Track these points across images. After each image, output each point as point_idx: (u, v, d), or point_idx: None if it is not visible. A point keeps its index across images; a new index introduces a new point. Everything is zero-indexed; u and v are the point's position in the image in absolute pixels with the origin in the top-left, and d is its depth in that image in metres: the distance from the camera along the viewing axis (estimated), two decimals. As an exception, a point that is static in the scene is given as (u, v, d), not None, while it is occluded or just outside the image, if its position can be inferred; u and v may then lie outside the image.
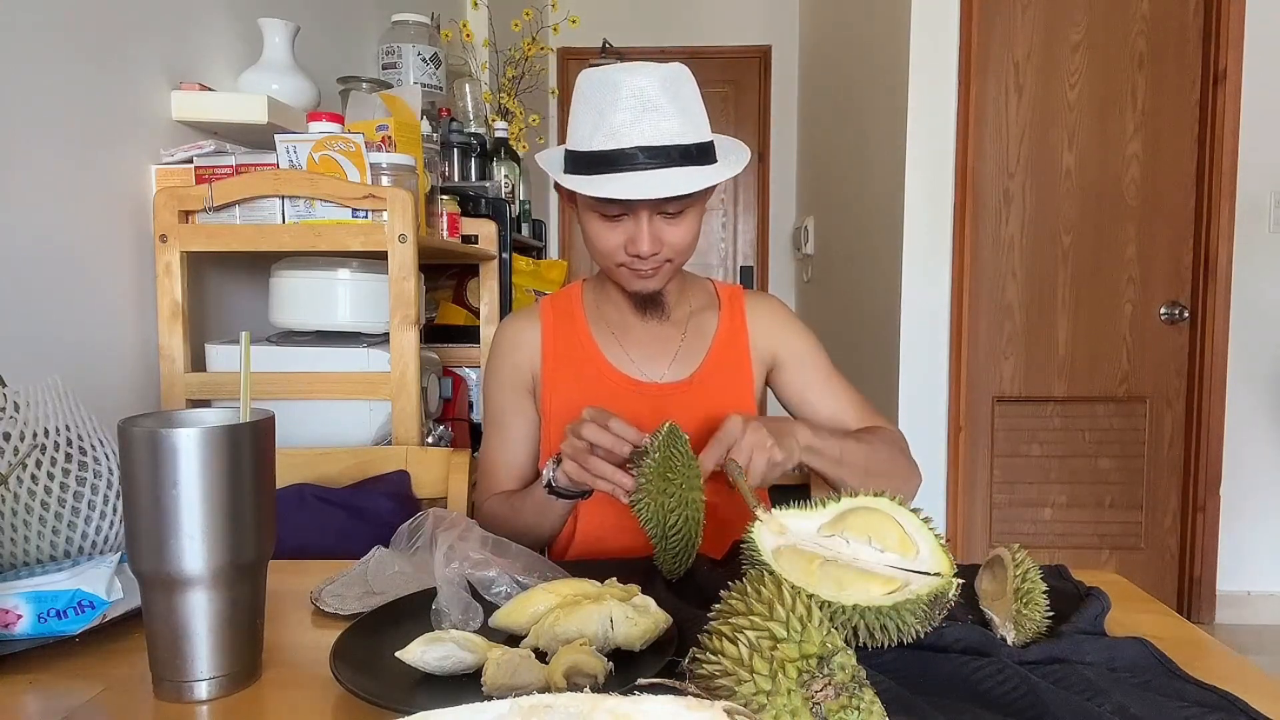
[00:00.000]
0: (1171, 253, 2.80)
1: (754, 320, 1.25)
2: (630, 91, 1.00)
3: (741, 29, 4.72)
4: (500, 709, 0.47)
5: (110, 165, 1.43)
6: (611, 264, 1.12)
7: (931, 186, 2.79)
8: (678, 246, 1.09)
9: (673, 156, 1.01)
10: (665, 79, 1.01)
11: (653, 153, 1.00)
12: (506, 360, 1.23)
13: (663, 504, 0.90)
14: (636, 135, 1.00)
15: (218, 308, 1.72)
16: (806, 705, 0.52)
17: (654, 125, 1.00)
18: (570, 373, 1.20)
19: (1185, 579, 2.87)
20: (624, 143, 1.00)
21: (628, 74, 1.01)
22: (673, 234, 1.08)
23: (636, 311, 1.19)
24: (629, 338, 1.22)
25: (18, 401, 0.88)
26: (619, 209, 1.05)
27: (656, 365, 1.22)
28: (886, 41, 3.01)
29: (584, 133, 1.03)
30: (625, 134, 1.00)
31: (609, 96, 1.01)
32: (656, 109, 1.00)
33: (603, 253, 1.11)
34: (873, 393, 3.14)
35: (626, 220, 1.06)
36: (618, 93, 1.00)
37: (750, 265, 4.93)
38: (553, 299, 1.27)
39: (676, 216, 1.07)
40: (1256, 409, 2.81)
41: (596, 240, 1.10)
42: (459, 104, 2.71)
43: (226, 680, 0.68)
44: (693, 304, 1.26)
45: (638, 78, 1.00)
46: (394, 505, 1.30)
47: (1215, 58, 2.69)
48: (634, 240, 1.06)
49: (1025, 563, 0.78)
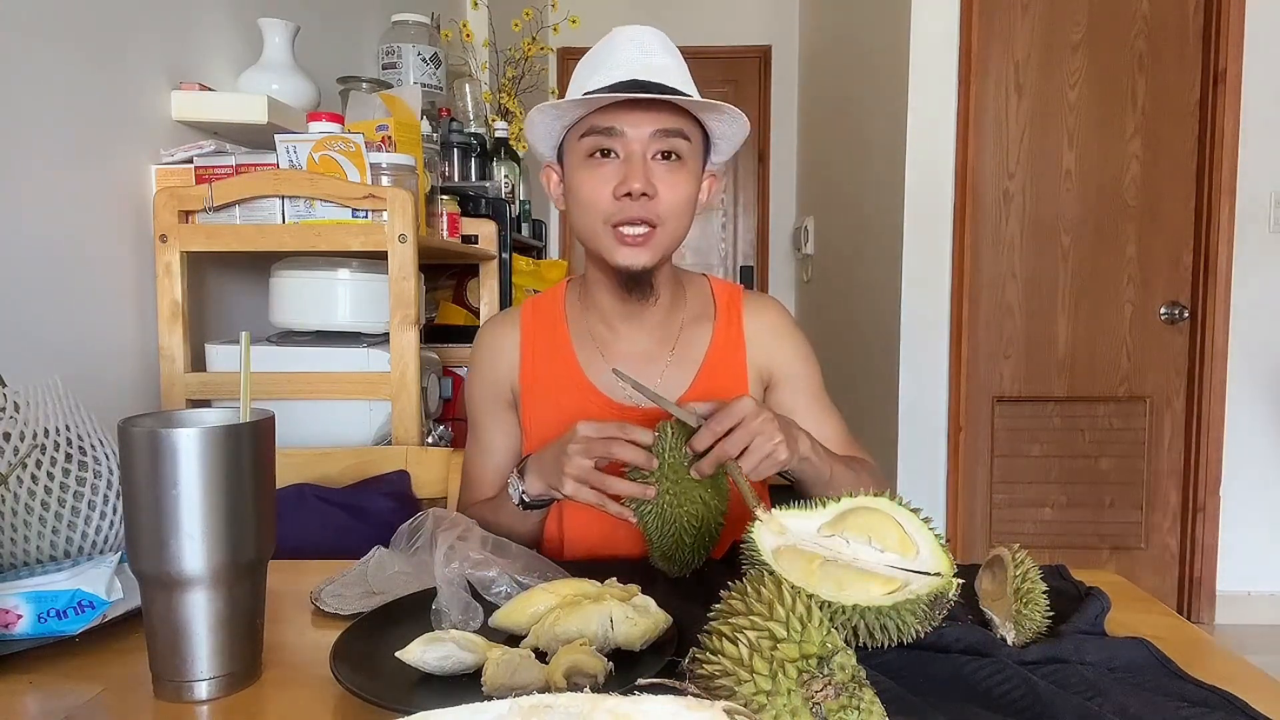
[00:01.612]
0: (1171, 253, 2.80)
1: (753, 330, 1.17)
2: (628, 37, 1.04)
3: (741, 29, 4.72)
4: (500, 709, 0.47)
5: (110, 165, 1.43)
6: (600, 221, 1.03)
7: (931, 186, 2.79)
8: (670, 202, 1.02)
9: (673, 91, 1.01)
10: (659, 34, 1.06)
11: (651, 87, 1.00)
12: (485, 372, 1.18)
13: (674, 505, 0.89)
14: (638, 69, 1.01)
15: (218, 308, 1.72)
16: (806, 705, 0.52)
17: (653, 66, 1.02)
18: (549, 394, 1.14)
19: (1185, 579, 2.87)
20: (623, 76, 1.00)
21: (624, 30, 1.05)
22: (666, 182, 1.02)
23: (622, 293, 1.09)
24: (614, 353, 1.14)
25: (18, 401, 0.88)
26: (611, 143, 1.01)
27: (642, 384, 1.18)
28: (887, 41, 3.01)
29: (580, 82, 1.04)
30: (625, 69, 1.01)
31: (606, 45, 1.04)
32: (654, 53, 1.03)
33: (591, 203, 1.03)
34: (873, 393, 3.14)
35: (618, 163, 1.02)
36: (614, 40, 1.04)
37: (750, 265, 4.93)
38: (534, 303, 1.20)
39: (672, 165, 1.03)
40: (1256, 409, 2.81)
41: (585, 189, 1.03)
42: (459, 104, 2.71)
43: (226, 680, 0.68)
44: (685, 314, 1.17)
45: (634, 31, 1.05)
46: (394, 505, 1.30)
47: (1215, 58, 2.69)
48: (625, 179, 1.00)
49: (1025, 563, 0.78)
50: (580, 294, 1.18)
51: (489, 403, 1.18)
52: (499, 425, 1.18)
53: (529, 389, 1.15)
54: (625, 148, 1.01)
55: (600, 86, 1.00)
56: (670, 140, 1.02)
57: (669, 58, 1.04)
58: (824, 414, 1.17)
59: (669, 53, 1.05)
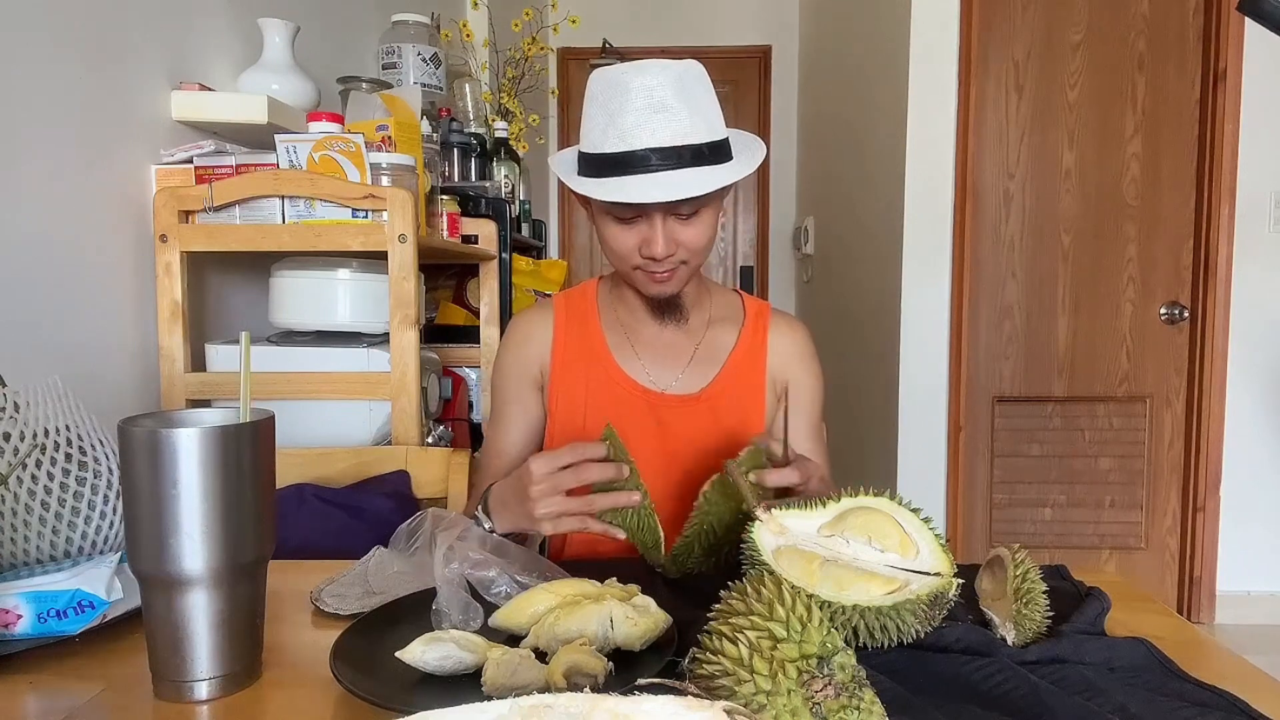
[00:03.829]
0: (1171, 253, 2.80)
1: (777, 343, 1.22)
2: (640, 92, 0.99)
3: (741, 29, 4.72)
4: (500, 709, 0.47)
5: (110, 165, 1.43)
6: (627, 267, 1.11)
7: (931, 186, 2.79)
8: (692, 247, 1.08)
9: (684, 157, 1.00)
10: (676, 77, 1.00)
11: (664, 154, 0.99)
12: (516, 353, 1.23)
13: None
14: (647, 136, 0.99)
15: (218, 308, 1.72)
16: (806, 705, 0.52)
17: (664, 125, 0.99)
18: (579, 373, 1.19)
19: (1185, 579, 2.87)
20: (634, 144, 0.99)
21: (637, 74, 1.00)
22: (687, 234, 1.07)
23: (654, 315, 1.18)
24: (642, 341, 1.21)
25: (18, 401, 0.88)
26: (632, 211, 1.04)
27: (667, 373, 1.20)
28: (887, 42, 3.01)
29: (595, 135, 1.03)
30: (635, 135, 0.99)
31: (619, 97, 1.00)
32: (666, 109, 0.99)
33: (618, 255, 1.10)
34: (873, 393, 3.14)
35: (640, 223, 1.05)
36: (627, 93, 0.99)
37: (750, 265, 4.92)
38: (567, 295, 1.26)
39: (691, 217, 1.06)
40: (1256, 409, 2.81)
41: (611, 243, 1.09)
42: (459, 104, 2.71)
43: (226, 680, 0.68)
44: (712, 313, 1.23)
45: (647, 77, 0.99)
46: (394, 505, 1.30)
47: (1215, 58, 2.69)
48: (648, 242, 1.05)
49: (1025, 563, 0.78)
50: (612, 288, 1.25)
51: (514, 381, 1.23)
52: (521, 404, 1.23)
53: (559, 368, 1.20)
54: (646, 214, 1.05)
55: (616, 150, 1.00)
56: (690, 203, 1.04)
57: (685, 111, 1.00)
58: (816, 444, 1.23)
59: (686, 103, 1.00)
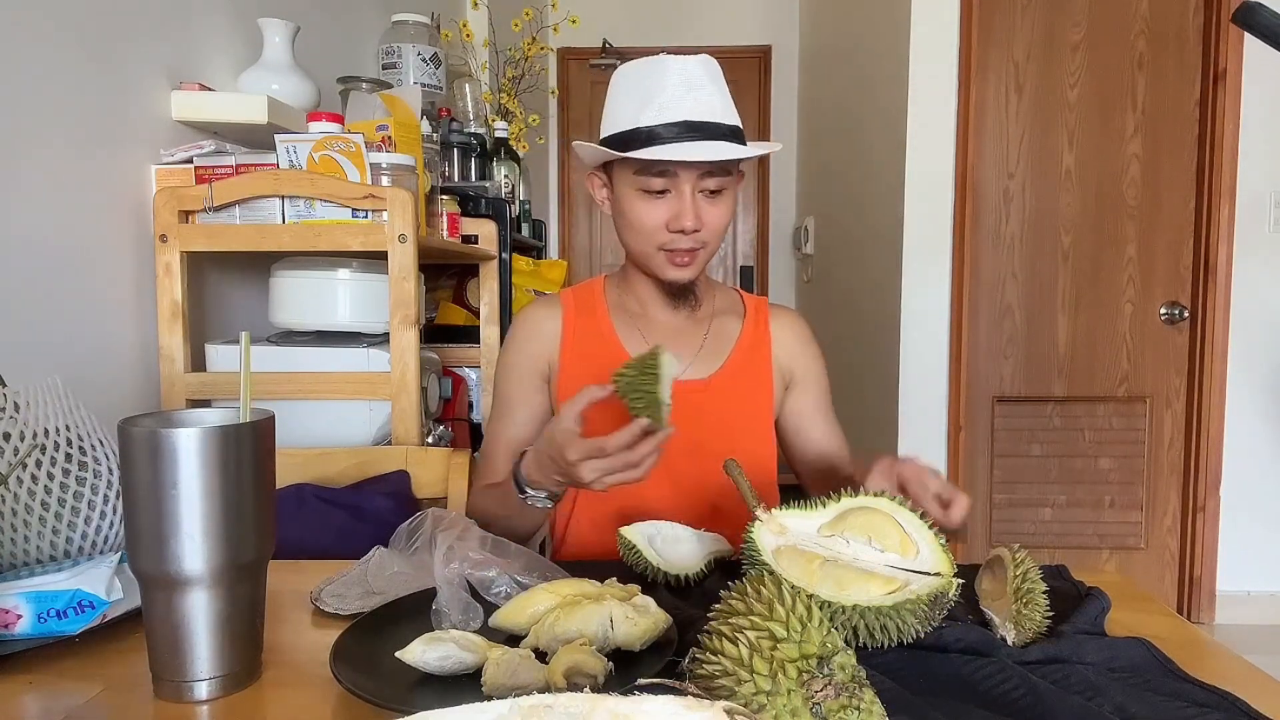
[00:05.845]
0: (1171, 253, 2.80)
1: (778, 332, 1.27)
2: (677, 71, 1.07)
3: (741, 29, 4.72)
4: (500, 709, 0.47)
5: (110, 165, 1.43)
6: (651, 247, 1.14)
7: (931, 186, 2.79)
8: (714, 228, 1.13)
9: (719, 132, 1.07)
10: (705, 63, 1.10)
11: (699, 127, 1.06)
12: (523, 346, 1.24)
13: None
14: (686, 110, 1.06)
15: (218, 308, 1.72)
16: (806, 705, 0.52)
17: (701, 102, 1.07)
18: (588, 364, 1.20)
19: (1185, 579, 2.87)
20: (673, 117, 1.06)
21: (672, 58, 1.09)
22: (712, 214, 1.11)
23: (668, 302, 1.21)
24: (652, 330, 1.23)
25: (18, 401, 0.88)
26: (664, 183, 1.09)
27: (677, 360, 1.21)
28: (887, 42, 3.01)
29: (629, 113, 1.08)
30: (674, 109, 1.06)
31: (656, 76, 1.08)
32: (702, 87, 1.07)
33: (645, 233, 1.13)
34: (873, 393, 3.14)
35: (670, 197, 1.10)
36: (665, 72, 1.07)
37: (750, 265, 4.92)
38: (575, 291, 1.28)
39: (716, 196, 1.12)
40: (1256, 409, 2.81)
41: (638, 221, 1.13)
42: (459, 104, 2.71)
43: (226, 680, 0.68)
44: (716, 305, 1.27)
45: (682, 60, 1.09)
46: (394, 505, 1.30)
47: (1215, 58, 2.69)
48: (678, 216, 1.09)
49: (1025, 563, 0.78)
50: (619, 283, 1.27)
51: (520, 374, 1.23)
52: (526, 397, 1.23)
53: (568, 359, 1.22)
54: (676, 186, 1.10)
55: (654, 124, 1.06)
56: (718, 178, 1.10)
57: (715, 92, 1.09)
58: (832, 423, 1.29)
59: (715, 85, 1.10)
